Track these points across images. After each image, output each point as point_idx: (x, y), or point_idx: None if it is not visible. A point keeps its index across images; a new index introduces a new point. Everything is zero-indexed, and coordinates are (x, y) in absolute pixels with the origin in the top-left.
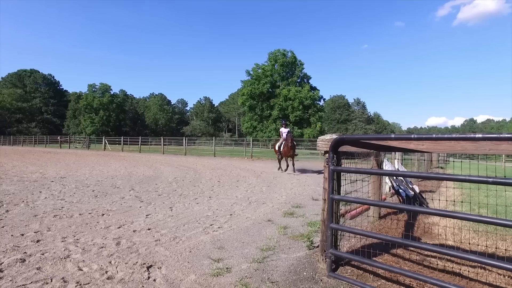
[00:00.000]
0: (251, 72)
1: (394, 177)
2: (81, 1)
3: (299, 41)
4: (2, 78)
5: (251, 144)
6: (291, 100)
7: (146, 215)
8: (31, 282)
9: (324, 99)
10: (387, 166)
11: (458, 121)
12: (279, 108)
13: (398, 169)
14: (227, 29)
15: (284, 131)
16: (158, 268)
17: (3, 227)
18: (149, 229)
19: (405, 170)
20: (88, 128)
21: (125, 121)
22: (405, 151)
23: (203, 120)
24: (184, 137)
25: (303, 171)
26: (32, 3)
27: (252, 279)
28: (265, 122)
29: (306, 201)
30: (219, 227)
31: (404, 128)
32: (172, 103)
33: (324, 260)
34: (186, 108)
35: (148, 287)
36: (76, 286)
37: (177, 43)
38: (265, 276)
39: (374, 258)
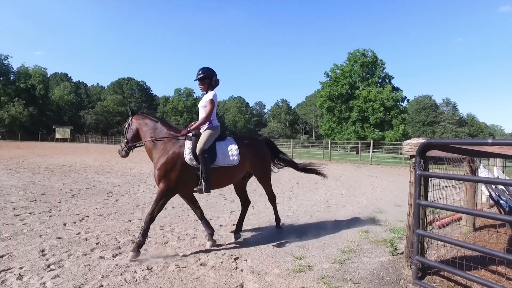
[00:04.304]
0: (330, 73)
1: (493, 186)
2: (165, 10)
3: (380, 38)
4: (107, 86)
5: (329, 146)
6: (371, 101)
7: (230, 212)
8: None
9: (407, 100)
10: (483, 173)
11: None
12: (358, 109)
13: (498, 177)
14: (304, 31)
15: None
16: (244, 260)
17: (116, 213)
18: (233, 225)
19: (507, 178)
20: None
21: None
22: (507, 157)
23: (280, 122)
24: None
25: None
26: (131, 19)
27: (333, 278)
28: (343, 124)
29: (388, 206)
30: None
31: (508, 131)
32: (250, 106)
33: (409, 266)
34: (264, 110)
35: (237, 275)
36: (176, 268)
37: (256, 46)
38: (347, 276)
39: (467, 272)
